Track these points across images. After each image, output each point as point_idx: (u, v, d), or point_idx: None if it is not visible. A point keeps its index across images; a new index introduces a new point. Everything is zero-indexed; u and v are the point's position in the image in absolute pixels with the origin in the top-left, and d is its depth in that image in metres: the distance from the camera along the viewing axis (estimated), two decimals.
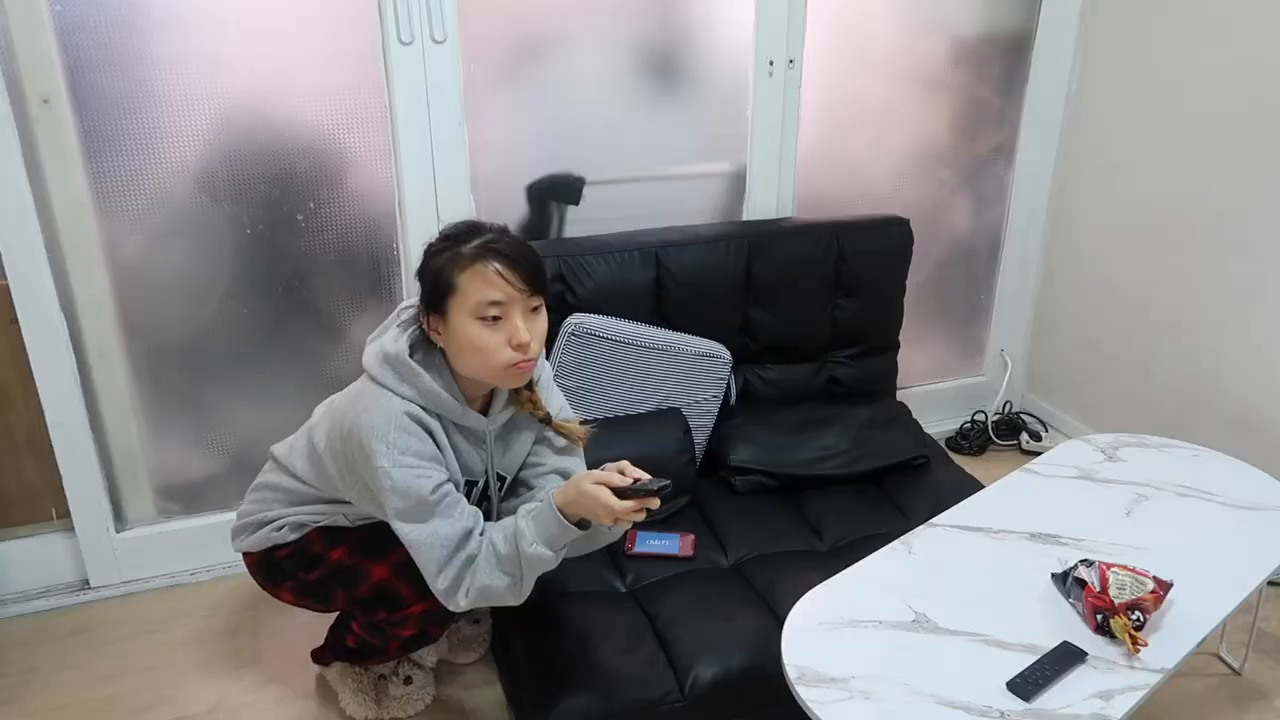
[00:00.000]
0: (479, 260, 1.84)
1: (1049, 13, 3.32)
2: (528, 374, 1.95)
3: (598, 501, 1.80)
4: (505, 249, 1.86)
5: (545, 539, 1.87)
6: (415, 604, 2.09)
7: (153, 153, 2.53)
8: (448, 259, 1.87)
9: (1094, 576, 1.88)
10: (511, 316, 1.86)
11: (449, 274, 1.86)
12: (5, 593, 2.80)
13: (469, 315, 1.86)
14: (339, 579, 2.17)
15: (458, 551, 1.90)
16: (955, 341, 3.76)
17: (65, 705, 2.47)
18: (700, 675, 2.10)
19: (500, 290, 1.84)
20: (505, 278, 1.84)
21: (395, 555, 2.02)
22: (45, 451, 2.67)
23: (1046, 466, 2.44)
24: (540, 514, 1.89)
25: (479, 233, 1.89)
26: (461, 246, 1.87)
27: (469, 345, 1.87)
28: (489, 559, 1.91)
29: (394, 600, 2.12)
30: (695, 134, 3.04)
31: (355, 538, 2.16)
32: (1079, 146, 3.46)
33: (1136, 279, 3.30)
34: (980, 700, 1.69)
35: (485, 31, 2.70)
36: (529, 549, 1.87)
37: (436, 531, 1.89)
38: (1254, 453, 2.56)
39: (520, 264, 1.86)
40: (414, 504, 1.88)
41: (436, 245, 1.92)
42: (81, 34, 2.38)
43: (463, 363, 1.92)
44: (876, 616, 1.89)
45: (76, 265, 2.57)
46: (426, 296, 1.92)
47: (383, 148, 2.72)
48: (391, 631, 2.18)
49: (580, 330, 2.64)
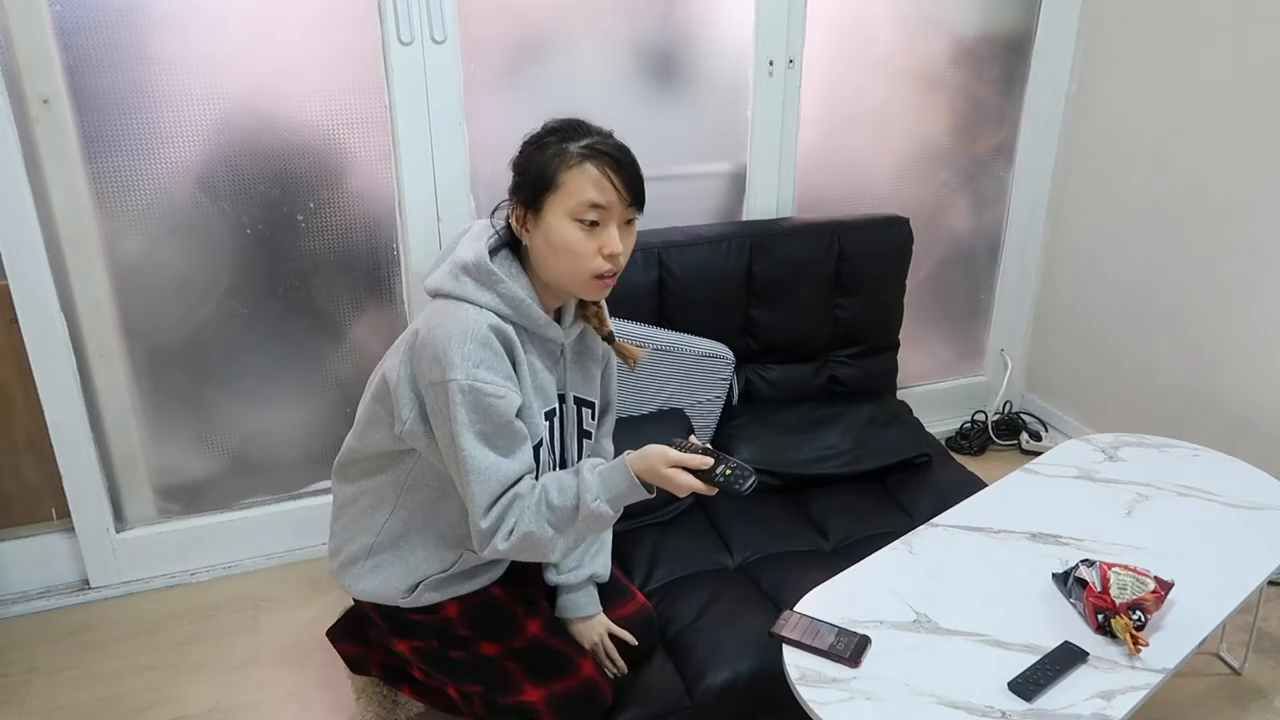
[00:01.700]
0: (588, 160, 1.76)
1: (1049, 13, 3.33)
2: (609, 288, 1.85)
3: (678, 484, 1.72)
4: (614, 152, 1.78)
5: (610, 496, 1.77)
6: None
7: (153, 153, 2.53)
8: (553, 154, 1.77)
9: (1095, 576, 1.88)
10: (609, 224, 1.77)
11: (553, 170, 1.76)
12: (5, 593, 2.79)
13: (566, 215, 1.76)
14: (479, 673, 2.06)
15: (509, 489, 1.77)
16: (955, 341, 3.77)
17: (65, 705, 2.47)
18: (710, 682, 2.10)
19: (604, 194, 1.75)
20: (612, 181, 1.76)
21: (553, 685, 2.00)
22: (45, 451, 2.67)
23: (1047, 466, 2.44)
24: (610, 471, 1.78)
25: (586, 132, 1.81)
26: (569, 144, 1.77)
27: (561, 246, 1.77)
28: (539, 506, 1.77)
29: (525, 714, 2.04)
30: (695, 134, 3.04)
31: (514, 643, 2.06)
32: (1079, 146, 3.46)
33: (1136, 279, 3.30)
34: (982, 700, 1.69)
35: (485, 31, 2.69)
36: (592, 503, 1.75)
37: (499, 464, 1.76)
38: (1254, 452, 2.56)
39: (627, 169, 1.78)
40: (483, 424, 1.75)
41: (541, 138, 1.82)
42: (81, 34, 2.38)
43: (549, 265, 1.82)
44: (878, 617, 1.89)
45: (76, 265, 2.57)
46: (524, 191, 1.81)
47: (383, 148, 2.71)
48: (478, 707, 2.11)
49: None
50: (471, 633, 2.05)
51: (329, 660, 2.52)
